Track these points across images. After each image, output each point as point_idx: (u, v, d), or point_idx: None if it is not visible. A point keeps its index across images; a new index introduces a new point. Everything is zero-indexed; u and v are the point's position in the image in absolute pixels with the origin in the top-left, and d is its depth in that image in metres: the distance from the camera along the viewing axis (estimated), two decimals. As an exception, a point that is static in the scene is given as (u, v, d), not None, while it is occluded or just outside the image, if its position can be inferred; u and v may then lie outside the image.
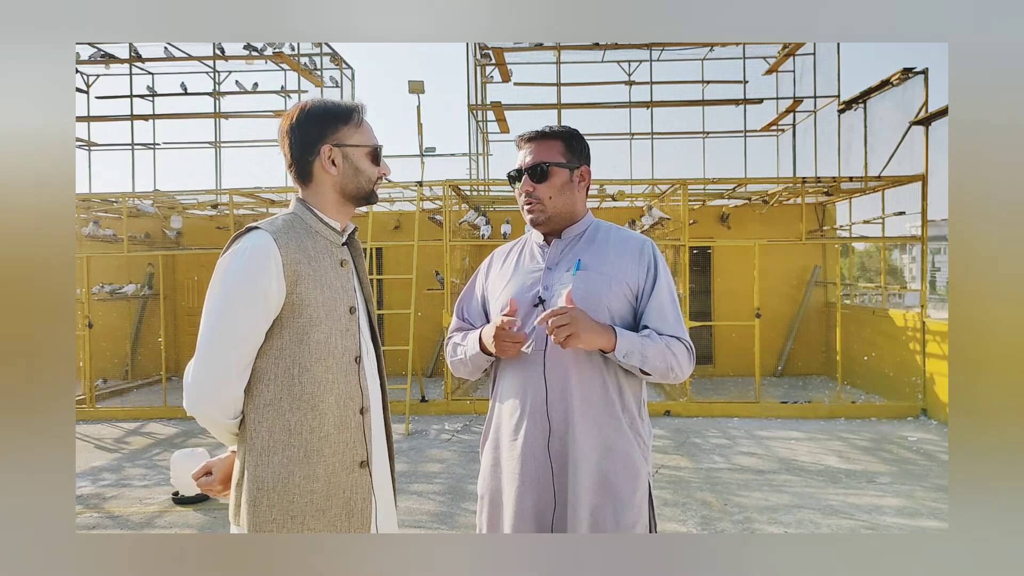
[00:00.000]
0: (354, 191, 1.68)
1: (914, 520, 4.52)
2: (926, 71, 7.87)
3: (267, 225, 1.60)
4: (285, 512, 1.53)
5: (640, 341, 1.78)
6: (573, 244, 1.94)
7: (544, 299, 1.87)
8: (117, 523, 4.67)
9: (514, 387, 1.87)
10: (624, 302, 1.86)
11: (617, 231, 1.98)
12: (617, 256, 1.89)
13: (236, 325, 1.51)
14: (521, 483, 1.81)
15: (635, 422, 1.85)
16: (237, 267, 1.53)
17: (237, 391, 1.55)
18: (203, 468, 1.76)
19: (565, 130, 1.94)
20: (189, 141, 11.98)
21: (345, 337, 1.62)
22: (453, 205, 8.72)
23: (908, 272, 34.50)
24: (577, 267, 1.88)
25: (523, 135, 1.95)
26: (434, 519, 4.64)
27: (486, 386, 9.75)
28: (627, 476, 1.79)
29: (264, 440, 1.55)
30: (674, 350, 1.82)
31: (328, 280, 1.61)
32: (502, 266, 2.04)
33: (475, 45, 10.47)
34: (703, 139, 11.92)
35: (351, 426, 1.61)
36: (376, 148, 1.69)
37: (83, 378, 8.54)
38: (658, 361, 1.79)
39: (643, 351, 1.77)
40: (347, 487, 1.59)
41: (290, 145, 1.65)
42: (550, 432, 1.80)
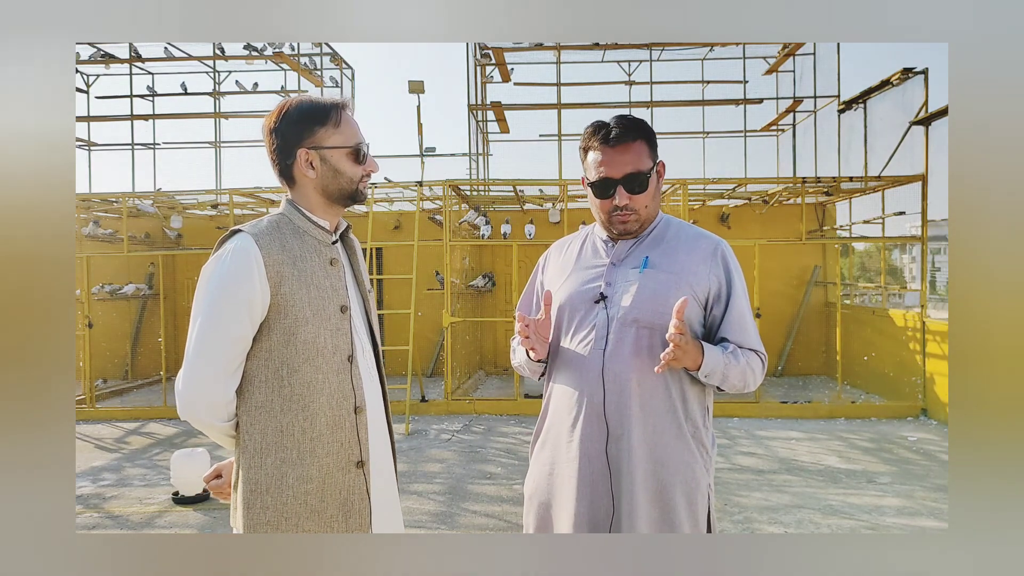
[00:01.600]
0: (336, 192, 1.65)
1: (914, 520, 4.52)
2: (926, 71, 7.87)
3: (250, 227, 1.59)
4: (279, 514, 1.53)
5: (724, 360, 1.69)
6: (641, 240, 1.84)
7: (606, 295, 1.77)
8: (117, 523, 4.67)
9: (570, 387, 1.78)
10: (692, 305, 1.75)
11: (688, 229, 1.87)
12: (687, 256, 1.79)
13: (222, 330, 1.52)
14: (577, 487, 1.73)
15: (698, 431, 1.75)
16: (220, 272, 1.54)
17: (227, 395, 1.54)
18: (214, 471, 1.77)
19: (645, 126, 1.80)
20: (189, 141, 12.00)
21: (336, 336, 1.60)
22: (453, 205, 8.72)
23: (908, 272, 34.48)
24: (644, 265, 1.79)
25: (606, 132, 1.77)
26: (434, 519, 4.64)
27: (486, 386, 9.74)
28: (687, 488, 1.71)
29: (257, 442, 1.55)
30: (753, 367, 1.74)
31: (316, 279, 1.60)
32: (561, 259, 1.94)
33: (475, 45, 10.47)
34: (703, 139, 11.92)
35: (345, 426, 1.59)
36: (356, 147, 1.65)
37: (83, 378, 8.54)
38: (736, 380, 1.72)
39: (725, 371, 1.69)
40: (343, 487, 1.58)
41: (271, 147, 1.64)
42: (608, 435, 1.71)
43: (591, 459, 1.72)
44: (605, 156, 1.77)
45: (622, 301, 1.75)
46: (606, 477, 1.71)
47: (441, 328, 9.08)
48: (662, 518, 1.69)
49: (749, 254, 8.10)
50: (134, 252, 9.75)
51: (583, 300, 1.79)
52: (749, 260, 8.13)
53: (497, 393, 9.14)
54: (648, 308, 1.72)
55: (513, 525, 4.51)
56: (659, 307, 1.72)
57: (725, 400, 8.19)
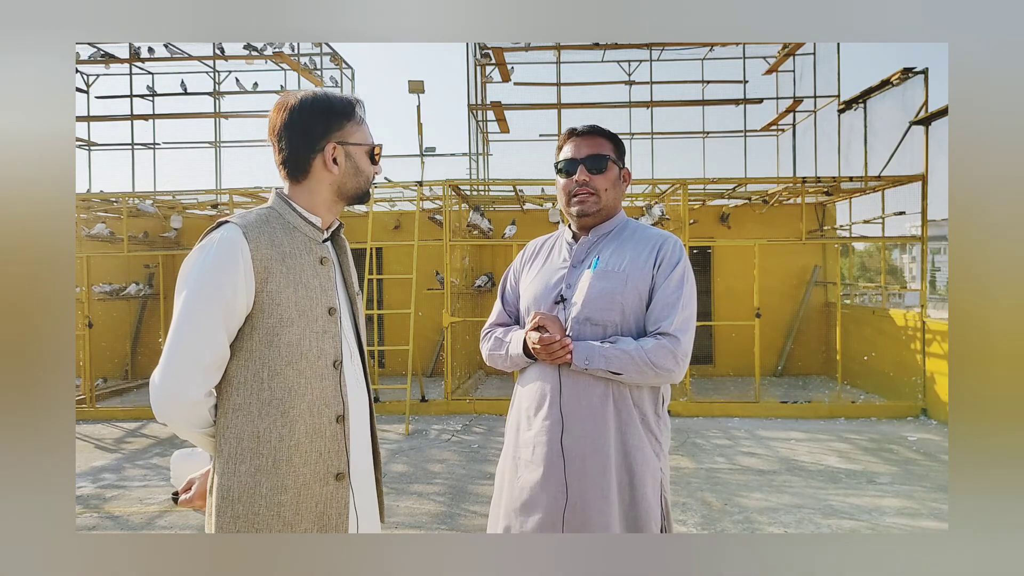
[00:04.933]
0: (352, 190, 1.61)
1: (914, 520, 4.52)
2: (926, 71, 7.87)
3: (238, 219, 1.51)
4: (250, 524, 1.46)
5: (601, 346, 1.80)
6: (599, 241, 1.97)
7: (566, 297, 1.90)
8: (117, 523, 4.67)
9: (532, 377, 1.91)
10: (638, 300, 1.86)
11: (643, 230, 1.99)
12: (635, 254, 1.91)
13: (200, 325, 1.43)
14: (532, 473, 1.84)
15: (647, 419, 1.85)
16: (203, 262, 1.45)
17: (200, 395, 1.45)
18: (186, 484, 1.69)
19: (612, 133, 2.00)
20: (189, 141, 12.00)
21: (322, 339, 1.53)
22: (453, 205, 8.72)
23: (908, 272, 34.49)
24: (595, 265, 1.91)
25: (574, 129, 1.98)
26: (434, 519, 4.64)
27: (487, 386, 9.74)
28: (636, 472, 1.80)
29: (232, 447, 1.47)
30: (647, 348, 1.79)
31: (304, 279, 1.52)
32: (533, 259, 2.08)
33: (475, 45, 10.47)
34: (703, 139, 11.92)
35: (325, 435, 1.51)
36: (374, 146, 1.63)
37: (83, 378, 8.54)
38: (625, 360, 1.78)
39: (605, 354, 1.79)
40: (320, 500, 1.50)
41: (288, 138, 1.55)
42: (563, 426, 1.82)
43: (547, 446, 1.83)
44: (572, 144, 1.98)
45: (577, 301, 1.88)
46: (560, 465, 1.81)
47: (441, 328, 9.07)
48: (613, 502, 1.78)
49: (749, 254, 8.11)
50: (134, 252, 9.75)
51: (546, 301, 1.93)
52: (749, 260, 8.14)
53: (497, 393, 9.14)
54: (597, 307, 1.85)
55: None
56: (607, 304, 1.85)
57: (725, 400, 8.19)
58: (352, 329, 1.65)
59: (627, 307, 1.85)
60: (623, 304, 1.85)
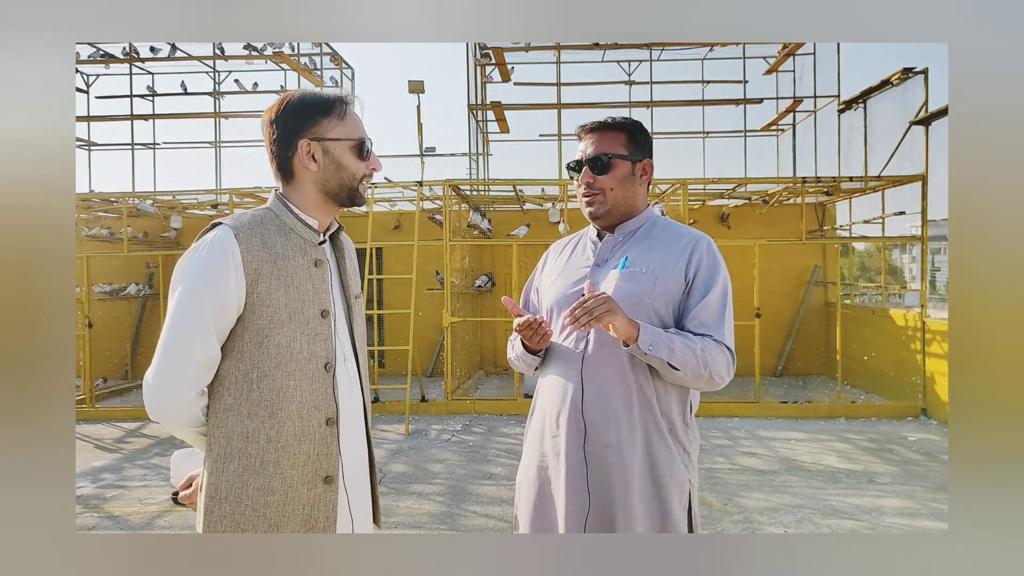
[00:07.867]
0: (336, 188, 1.57)
1: (914, 520, 4.52)
2: (926, 71, 7.87)
3: (231, 220, 1.52)
4: (236, 524, 1.46)
5: (667, 338, 1.70)
6: (626, 240, 1.89)
7: None
8: (117, 523, 4.67)
9: (554, 383, 1.85)
10: (668, 303, 1.78)
11: (674, 228, 1.90)
12: (665, 254, 1.82)
13: (192, 325, 1.44)
14: (556, 480, 1.79)
15: (675, 428, 1.77)
16: (195, 264, 1.47)
17: (193, 394, 1.47)
18: (187, 479, 1.71)
19: (628, 122, 1.89)
20: (189, 141, 12.00)
21: (313, 342, 1.52)
22: (453, 205, 8.72)
23: (908, 272, 34.50)
24: (623, 265, 1.83)
25: (584, 125, 1.90)
26: (435, 519, 4.64)
27: (487, 386, 9.74)
28: (662, 483, 1.74)
29: (222, 446, 1.48)
30: (711, 352, 1.71)
31: (297, 280, 1.52)
32: (556, 259, 2.01)
33: (475, 45, 10.47)
34: (703, 139, 11.92)
35: (315, 438, 1.51)
36: (361, 141, 1.58)
37: (83, 378, 8.54)
38: (688, 355, 1.69)
39: (670, 343, 1.68)
40: (307, 503, 1.50)
41: (271, 140, 1.56)
42: (585, 434, 1.76)
43: (570, 455, 1.77)
44: (582, 142, 1.91)
45: None
46: (583, 473, 1.75)
47: (441, 328, 9.07)
48: (637, 512, 1.72)
49: (749, 254, 8.11)
50: (134, 252, 9.75)
51: (569, 302, 1.82)
52: (749, 260, 8.14)
53: (497, 393, 9.14)
54: (624, 308, 1.72)
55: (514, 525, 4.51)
56: (634, 307, 1.75)
57: (725, 400, 8.19)
58: (347, 332, 1.64)
59: (657, 310, 1.77)
60: (653, 307, 1.77)
